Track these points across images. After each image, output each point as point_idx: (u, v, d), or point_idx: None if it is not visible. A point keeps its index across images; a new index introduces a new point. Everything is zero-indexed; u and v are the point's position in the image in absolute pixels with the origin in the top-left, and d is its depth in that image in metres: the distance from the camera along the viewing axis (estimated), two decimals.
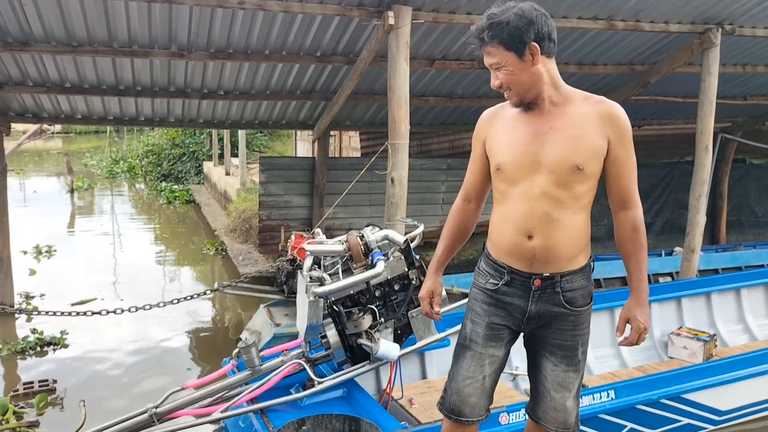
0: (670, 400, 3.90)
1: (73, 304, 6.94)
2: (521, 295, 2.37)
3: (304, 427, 2.89)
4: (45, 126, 9.76)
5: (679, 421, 3.98)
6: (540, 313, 2.37)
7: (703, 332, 5.09)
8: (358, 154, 10.52)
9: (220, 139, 15.32)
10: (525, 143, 2.26)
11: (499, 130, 2.37)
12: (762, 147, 9.02)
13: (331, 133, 8.34)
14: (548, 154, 2.23)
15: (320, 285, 3.49)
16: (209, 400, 3.53)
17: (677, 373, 4.07)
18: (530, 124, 2.28)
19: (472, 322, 2.47)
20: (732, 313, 5.76)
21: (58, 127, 26.59)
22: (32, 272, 8.48)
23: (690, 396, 3.98)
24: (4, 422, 4.29)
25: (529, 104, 2.28)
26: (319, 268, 3.67)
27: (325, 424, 2.92)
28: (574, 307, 2.37)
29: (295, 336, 4.30)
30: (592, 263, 2.41)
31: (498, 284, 2.39)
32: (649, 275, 7.18)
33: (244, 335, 5.12)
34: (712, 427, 4.15)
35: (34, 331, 5.96)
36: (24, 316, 6.61)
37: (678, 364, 4.67)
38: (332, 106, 6.55)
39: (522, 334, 2.51)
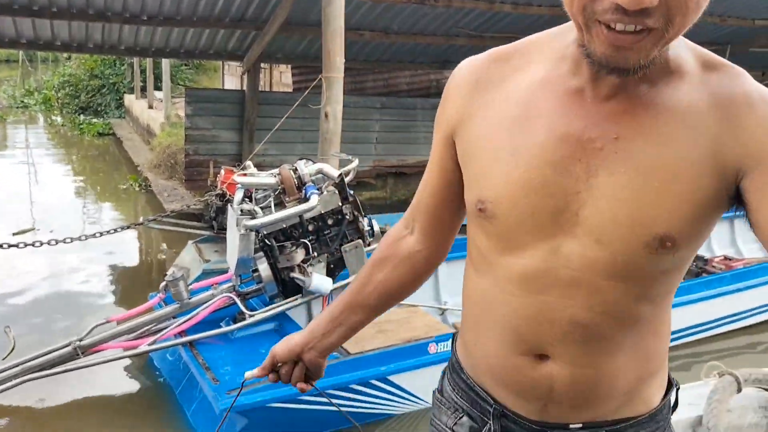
0: None
1: (14, 234, 6.65)
2: None
3: None
4: None
5: None
6: None
7: None
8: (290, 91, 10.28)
9: (143, 71, 14.59)
10: (549, 163, 0.94)
11: (494, 113, 1.00)
12: None
13: (262, 66, 8.07)
14: (598, 201, 0.92)
15: (251, 218, 3.43)
16: (135, 333, 3.46)
17: None
18: (572, 116, 0.94)
19: None
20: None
21: None
22: None
23: None
24: None
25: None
26: (251, 201, 3.61)
27: None
28: None
29: (225, 272, 4.23)
30: (673, 396, 1.14)
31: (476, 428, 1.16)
32: None
33: (171, 271, 5.01)
34: None
35: None
36: None
37: None
38: (263, 36, 6.32)
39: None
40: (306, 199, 3.43)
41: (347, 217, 3.59)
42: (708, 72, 0.91)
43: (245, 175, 3.69)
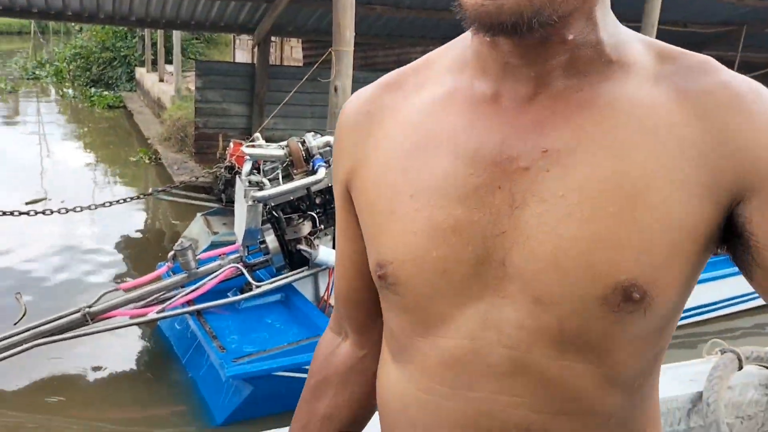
0: None
1: (26, 203, 6.68)
2: None
3: None
4: None
5: None
6: None
7: None
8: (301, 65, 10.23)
9: (153, 44, 14.56)
10: (459, 198, 0.66)
11: (388, 149, 0.72)
12: None
13: (272, 40, 8.05)
14: (530, 242, 0.63)
15: (259, 190, 3.45)
16: (144, 301, 3.50)
17: None
18: (483, 130, 0.66)
19: None
20: None
21: None
22: None
23: None
24: None
25: (511, 59, 0.64)
26: (259, 173, 3.62)
27: None
28: None
29: (233, 244, 4.26)
30: None
31: None
32: None
33: (179, 241, 5.05)
34: None
35: None
36: None
37: None
38: (274, 9, 6.28)
39: None
40: (314, 172, 3.44)
41: None
42: (664, 63, 0.65)
43: (253, 146, 3.70)
